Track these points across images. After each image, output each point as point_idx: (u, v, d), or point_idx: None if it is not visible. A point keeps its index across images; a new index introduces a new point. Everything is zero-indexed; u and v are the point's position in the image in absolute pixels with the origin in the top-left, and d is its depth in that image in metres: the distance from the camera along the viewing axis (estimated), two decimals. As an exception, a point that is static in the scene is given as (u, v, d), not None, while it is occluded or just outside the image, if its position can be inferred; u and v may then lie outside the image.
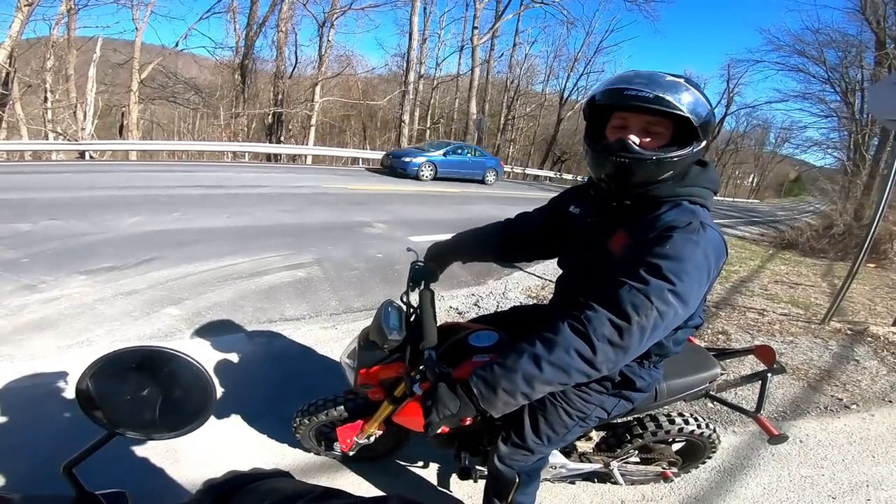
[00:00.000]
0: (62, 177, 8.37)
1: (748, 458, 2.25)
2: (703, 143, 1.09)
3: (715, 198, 1.19)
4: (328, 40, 20.39)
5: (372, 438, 1.67)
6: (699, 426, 1.65)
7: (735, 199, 39.87)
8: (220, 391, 2.36)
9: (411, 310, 1.50)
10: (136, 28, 16.58)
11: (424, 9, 21.96)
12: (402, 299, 1.53)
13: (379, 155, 19.17)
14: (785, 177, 57.26)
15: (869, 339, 3.91)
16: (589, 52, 28.67)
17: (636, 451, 1.72)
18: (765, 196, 53.07)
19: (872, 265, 7.07)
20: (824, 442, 2.45)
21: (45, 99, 15.62)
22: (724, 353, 1.73)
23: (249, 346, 2.93)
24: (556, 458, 1.61)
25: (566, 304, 1.10)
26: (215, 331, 3.08)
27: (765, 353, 1.53)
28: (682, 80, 1.05)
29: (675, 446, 1.83)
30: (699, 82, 1.12)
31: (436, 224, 6.95)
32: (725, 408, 1.81)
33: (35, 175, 8.40)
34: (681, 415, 1.66)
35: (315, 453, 1.97)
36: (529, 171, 25.45)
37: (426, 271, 1.58)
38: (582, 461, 1.70)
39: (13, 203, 5.61)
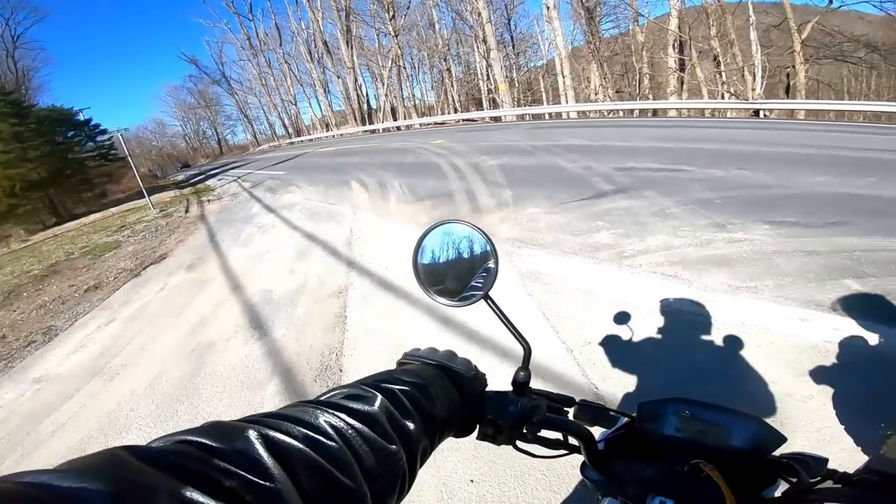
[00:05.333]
0: (739, 132, 9.06)
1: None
2: None
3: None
4: None
5: None
6: None
7: None
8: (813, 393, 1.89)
9: None
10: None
11: None
12: None
13: None
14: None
15: None
16: None
17: None
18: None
19: None
20: None
21: (717, 63, 17.14)
22: None
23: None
24: None
25: None
26: (887, 324, 2.45)
27: None
28: None
29: None
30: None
31: None
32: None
33: (716, 129, 9.56)
34: None
35: None
36: None
37: None
38: None
39: (706, 152, 6.62)
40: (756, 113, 12.92)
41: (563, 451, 0.64)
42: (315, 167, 14.79)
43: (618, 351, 2.54)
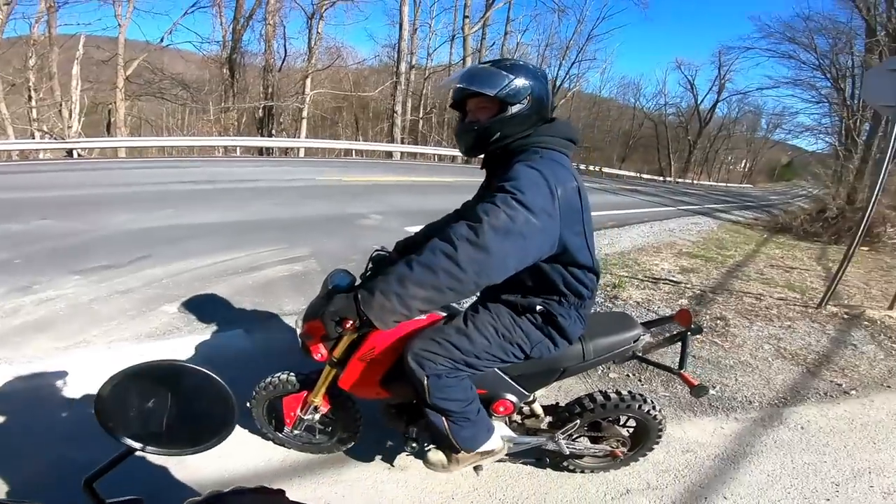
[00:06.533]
0: (51, 175, 8.25)
1: (750, 445, 2.27)
2: (518, 107, 1.33)
3: (708, 182, 1.21)
4: (318, 32, 20.07)
5: (317, 415, 1.75)
6: (645, 402, 1.75)
7: (728, 185, 40.01)
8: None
9: None
10: (119, 24, 16.28)
11: (414, -1, 21.67)
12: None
13: (373, 146, 19.05)
14: (777, 162, 57.04)
15: (865, 322, 3.93)
16: (580, 40, 28.44)
17: (585, 429, 1.82)
18: (757, 181, 53.13)
19: (866, 248, 7.11)
20: (825, 428, 2.46)
21: (30, 98, 15.33)
22: (650, 323, 1.83)
23: (247, 341, 2.91)
24: (503, 430, 1.69)
25: None
26: (213, 328, 3.05)
27: (683, 316, 1.65)
28: (492, 68, 1.34)
29: (626, 431, 1.89)
30: (691, 69, 1.11)
31: (430, 213, 6.83)
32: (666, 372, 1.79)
33: (23, 175, 8.26)
34: (629, 392, 1.77)
35: (263, 435, 2.01)
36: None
37: (386, 259, 1.80)
38: (529, 435, 1.80)
39: (3, 203, 5.52)
40: (70, 153, 12.20)
41: None
42: None
43: None
